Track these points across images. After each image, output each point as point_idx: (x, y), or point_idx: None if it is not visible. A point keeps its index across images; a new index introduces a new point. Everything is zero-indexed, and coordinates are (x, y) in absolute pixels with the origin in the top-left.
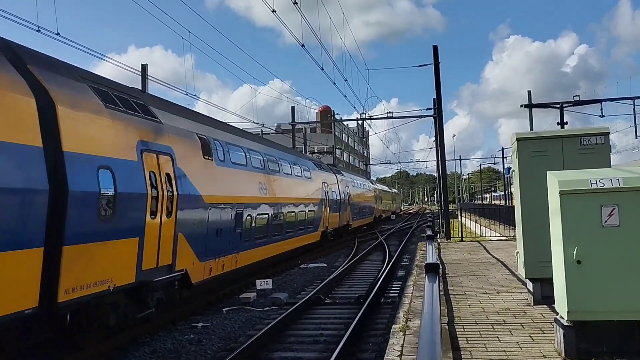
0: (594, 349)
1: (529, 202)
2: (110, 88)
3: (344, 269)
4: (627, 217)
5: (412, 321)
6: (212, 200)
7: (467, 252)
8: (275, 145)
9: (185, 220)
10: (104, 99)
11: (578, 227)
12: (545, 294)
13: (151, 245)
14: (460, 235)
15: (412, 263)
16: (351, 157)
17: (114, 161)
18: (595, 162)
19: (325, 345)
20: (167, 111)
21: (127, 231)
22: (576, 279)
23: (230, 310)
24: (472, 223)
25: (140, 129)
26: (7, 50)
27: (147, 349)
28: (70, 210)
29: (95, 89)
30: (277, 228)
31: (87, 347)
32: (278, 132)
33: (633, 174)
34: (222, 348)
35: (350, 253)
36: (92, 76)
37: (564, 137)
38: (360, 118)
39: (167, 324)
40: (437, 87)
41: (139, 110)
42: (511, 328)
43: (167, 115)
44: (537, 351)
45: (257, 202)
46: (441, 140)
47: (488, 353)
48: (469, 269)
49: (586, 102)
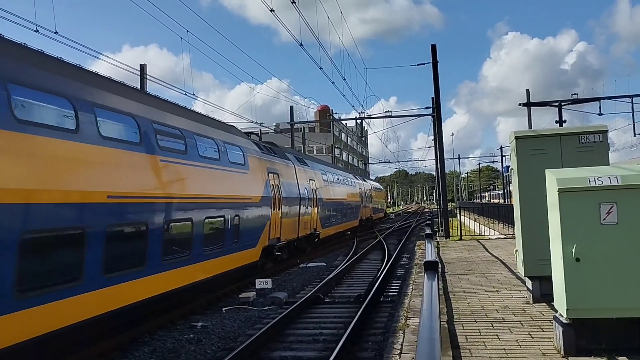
0: (593, 347)
1: (527, 200)
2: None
3: (343, 268)
4: (626, 214)
5: (411, 320)
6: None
7: (466, 250)
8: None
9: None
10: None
11: (577, 225)
12: (544, 291)
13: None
14: (460, 234)
15: (411, 262)
16: (350, 157)
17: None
18: (594, 160)
19: (324, 344)
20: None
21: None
22: (575, 277)
23: (230, 309)
24: (471, 222)
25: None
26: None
27: (146, 348)
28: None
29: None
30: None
31: (86, 347)
32: (277, 132)
33: (631, 172)
34: (221, 347)
35: (350, 252)
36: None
37: (562, 135)
38: (359, 117)
39: (166, 324)
40: (435, 86)
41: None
42: (510, 326)
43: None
44: (537, 349)
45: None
46: (440, 139)
47: (487, 351)
48: (468, 268)
49: (584, 100)
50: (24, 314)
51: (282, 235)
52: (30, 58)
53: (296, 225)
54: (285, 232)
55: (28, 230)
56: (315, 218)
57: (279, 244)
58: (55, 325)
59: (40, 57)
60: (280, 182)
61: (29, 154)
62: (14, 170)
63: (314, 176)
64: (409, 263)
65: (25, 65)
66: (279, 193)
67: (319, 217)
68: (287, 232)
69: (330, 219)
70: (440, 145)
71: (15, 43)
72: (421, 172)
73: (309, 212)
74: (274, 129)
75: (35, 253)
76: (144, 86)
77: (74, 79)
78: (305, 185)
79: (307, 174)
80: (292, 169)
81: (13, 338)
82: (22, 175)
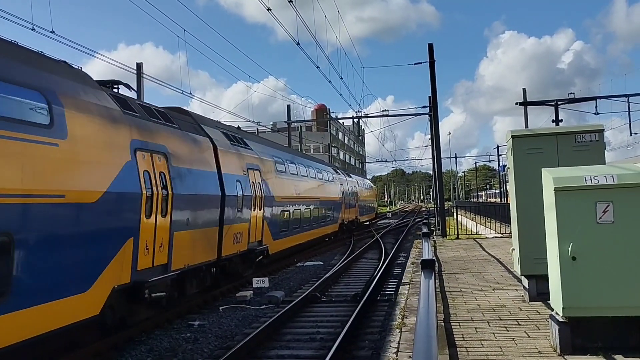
0: (589, 345)
1: (524, 199)
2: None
3: (340, 267)
4: (622, 213)
5: (408, 318)
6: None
7: (463, 249)
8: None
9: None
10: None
11: (573, 224)
12: (540, 290)
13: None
14: (456, 233)
15: (408, 261)
16: (347, 156)
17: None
18: (590, 159)
19: (321, 343)
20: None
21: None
22: (571, 276)
23: (227, 308)
24: (467, 221)
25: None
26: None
27: (143, 347)
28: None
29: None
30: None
31: (83, 346)
32: (274, 131)
33: (627, 171)
34: (218, 346)
35: (347, 251)
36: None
37: (558, 135)
38: (356, 116)
39: (163, 323)
40: (432, 85)
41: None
42: (507, 324)
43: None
44: (533, 347)
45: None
46: (437, 138)
47: (484, 349)
48: (465, 267)
49: (581, 100)
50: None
51: (175, 259)
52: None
53: (212, 240)
54: (182, 253)
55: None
56: (260, 225)
57: (158, 278)
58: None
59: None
60: (169, 168)
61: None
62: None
63: (259, 164)
64: (406, 262)
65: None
66: (160, 187)
67: (266, 224)
68: (187, 253)
69: (289, 225)
70: (437, 144)
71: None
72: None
73: (246, 217)
74: (271, 127)
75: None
76: (141, 85)
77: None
78: (238, 177)
79: (243, 159)
80: (207, 149)
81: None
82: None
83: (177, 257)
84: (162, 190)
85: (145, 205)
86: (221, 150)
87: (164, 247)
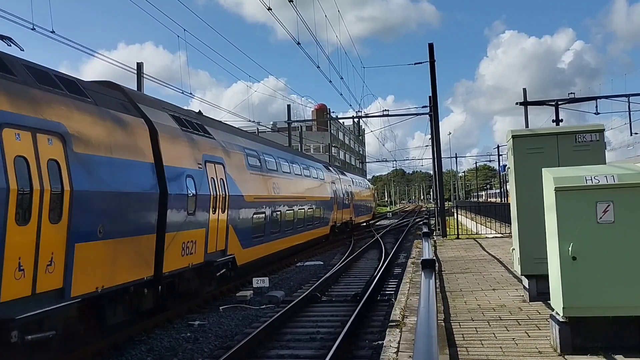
0: (590, 345)
1: (524, 199)
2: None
3: (340, 266)
4: (622, 213)
5: (408, 318)
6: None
7: (463, 249)
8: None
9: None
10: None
11: (573, 224)
12: (540, 290)
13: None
14: (456, 233)
15: (408, 260)
16: (347, 155)
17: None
18: (590, 159)
19: (321, 342)
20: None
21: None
22: (571, 276)
23: (227, 308)
24: (468, 221)
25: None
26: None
27: (143, 347)
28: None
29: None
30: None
31: (83, 346)
32: (274, 131)
33: (628, 171)
34: (218, 346)
35: (347, 251)
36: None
37: (559, 135)
38: (356, 116)
39: (163, 322)
40: (432, 85)
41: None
42: (507, 324)
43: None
44: (533, 347)
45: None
46: (437, 138)
47: (484, 349)
48: (465, 266)
49: (581, 100)
50: None
51: (79, 280)
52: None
53: (146, 252)
54: (91, 271)
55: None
56: (224, 231)
57: (39, 311)
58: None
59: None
60: (66, 155)
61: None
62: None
63: (223, 156)
64: (407, 262)
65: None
66: (48, 181)
67: (232, 230)
68: (101, 270)
69: (266, 230)
70: (437, 144)
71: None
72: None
73: (202, 222)
74: (271, 127)
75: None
76: (141, 85)
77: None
78: (190, 171)
79: (199, 150)
80: (140, 133)
81: None
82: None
83: (81, 278)
84: (51, 185)
85: (13, 206)
86: (164, 136)
87: (55, 265)
